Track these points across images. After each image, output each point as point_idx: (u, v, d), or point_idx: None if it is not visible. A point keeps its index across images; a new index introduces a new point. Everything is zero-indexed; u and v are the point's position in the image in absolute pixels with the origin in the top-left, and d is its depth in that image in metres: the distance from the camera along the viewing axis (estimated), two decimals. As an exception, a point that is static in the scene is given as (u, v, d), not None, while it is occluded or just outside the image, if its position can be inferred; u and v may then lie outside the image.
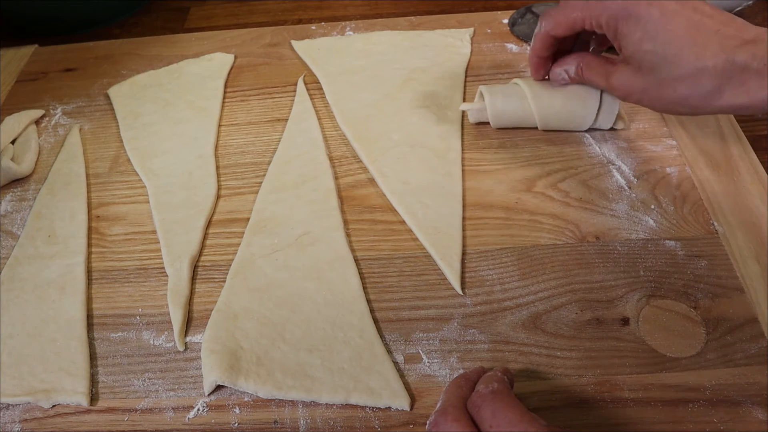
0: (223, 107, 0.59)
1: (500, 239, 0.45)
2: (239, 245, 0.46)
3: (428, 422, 0.33)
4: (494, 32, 0.64)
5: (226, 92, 0.60)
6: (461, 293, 0.42)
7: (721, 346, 0.39)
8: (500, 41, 0.63)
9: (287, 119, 0.56)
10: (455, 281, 0.43)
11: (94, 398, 0.39)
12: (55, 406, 0.39)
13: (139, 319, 0.43)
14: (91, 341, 0.42)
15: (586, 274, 0.43)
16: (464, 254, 0.44)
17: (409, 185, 0.49)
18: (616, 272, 0.43)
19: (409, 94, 0.57)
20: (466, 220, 0.47)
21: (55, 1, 0.70)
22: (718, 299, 0.41)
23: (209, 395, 0.39)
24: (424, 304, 0.42)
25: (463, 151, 0.52)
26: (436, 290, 0.43)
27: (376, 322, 0.41)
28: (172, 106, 0.59)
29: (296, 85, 0.60)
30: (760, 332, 0.39)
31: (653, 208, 0.46)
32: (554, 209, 0.47)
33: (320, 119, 0.56)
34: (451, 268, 0.43)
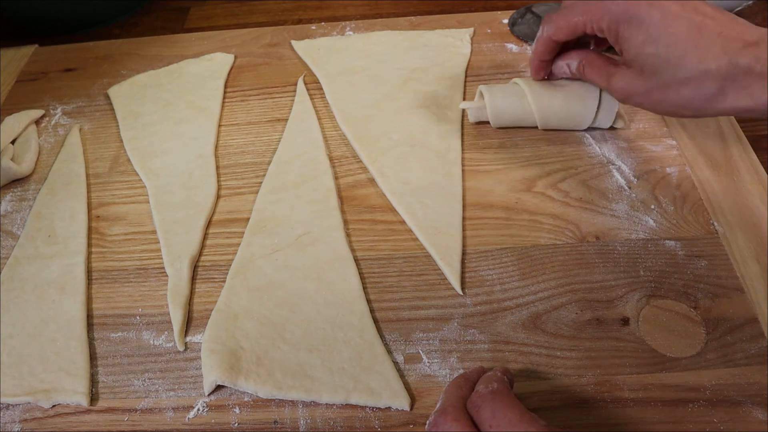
0: (223, 107, 0.59)
1: (500, 239, 0.45)
2: (239, 245, 0.46)
3: (428, 422, 0.33)
4: (494, 32, 0.64)
5: (226, 92, 0.60)
6: (461, 293, 0.42)
7: (721, 346, 0.39)
8: (500, 41, 0.63)
9: (287, 119, 0.56)
10: (455, 281, 0.43)
11: (94, 398, 0.39)
12: (55, 406, 0.39)
13: (139, 319, 0.43)
14: (91, 341, 0.42)
15: (586, 274, 0.43)
16: (464, 254, 0.44)
17: (409, 185, 0.49)
18: (616, 272, 0.43)
19: (409, 94, 0.57)
20: (466, 220, 0.47)
21: (55, 1, 0.70)
22: (718, 299, 0.41)
23: (209, 395, 0.39)
24: (424, 304, 0.42)
25: (463, 151, 0.52)
26: (436, 290, 0.43)
27: (376, 322, 0.41)
28: (172, 106, 0.59)
29: (296, 85, 0.60)
30: (760, 332, 0.39)
31: (653, 208, 0.46)
32: (554, 209, 0.47)
33: (320, 119, 0.56)
34: (451, 268, 0.43)
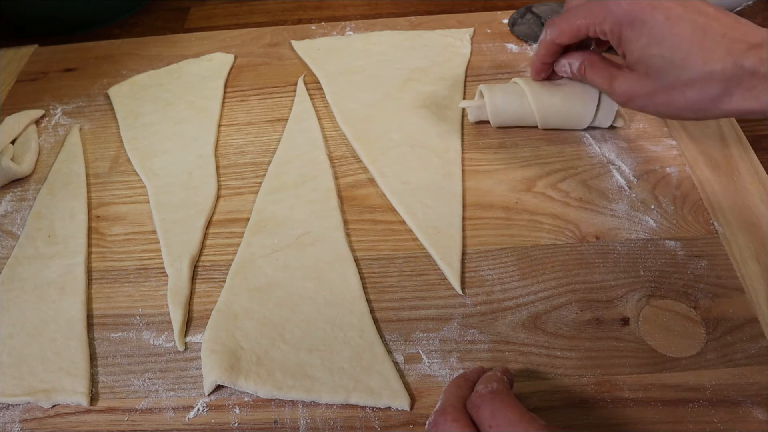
0: (223, 107, 0.59)
1: (500, 239, 0.45)
2: (239, 245, 0.46)
3: (428, 422, 0.33)
4: (494, 32, 0.64)
5: (226, 92, 0.60)
6: (461, 293, 0.42)
7: (721, 346, 0.39)
8: (500, 41, 0.63)
9: (287, 119, 0.56)
10: (455, 281, 0.43)
11: (94, 398, 0.39)
12: (55, 406, 0.39)
13: (139, 319, 0.43)
14: (91, 341, 0.42)
15: (586, 274, 0.43)
16: (464, 254, 0.44)
17: (409, 185, 0.49)
18: (616, 272, 0.43)
19: (409, 94, 0.57)
20: (466, 220, 0.47)
21: (55, 1, 0.70)
22: (718, 299, 0.41)
23: (209, 395, 0.39)
24: (424, 304, 0.42)
25: (463, 151, 0.52)
26: (436, 290, 0.43)
27: (376, 322, 0.41)
28: (172, 106, 0.59)
29: (296, 85, 0.60)
30: (760, 332, 0.39)
31: (653, 208, 0.46)
32: (554, 209, 0.47)
33: (320, 119, 0.56)
34: (451, 268, 0.43)
